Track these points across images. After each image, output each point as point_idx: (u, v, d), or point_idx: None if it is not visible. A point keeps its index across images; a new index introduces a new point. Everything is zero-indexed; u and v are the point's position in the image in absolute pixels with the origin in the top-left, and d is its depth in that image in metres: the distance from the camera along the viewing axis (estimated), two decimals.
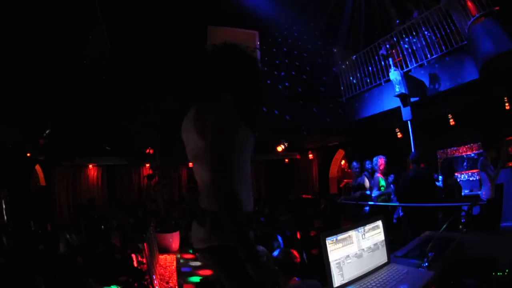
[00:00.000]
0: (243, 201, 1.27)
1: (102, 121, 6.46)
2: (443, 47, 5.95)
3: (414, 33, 6.53)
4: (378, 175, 5.63)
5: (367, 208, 5.72)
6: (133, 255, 5.30)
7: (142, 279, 4.07)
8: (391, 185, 6.01)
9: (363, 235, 1.33)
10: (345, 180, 8.56)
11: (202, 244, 1.37)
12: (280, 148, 8.51)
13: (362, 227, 1.34)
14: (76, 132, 6.67)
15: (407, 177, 5.14)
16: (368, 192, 5.87)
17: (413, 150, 5.93)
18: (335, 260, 1.25)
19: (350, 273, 1.28)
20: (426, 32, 6.25)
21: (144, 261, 5.07)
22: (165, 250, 6.73)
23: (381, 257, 1.40)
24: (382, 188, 5.55)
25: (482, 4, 4.68)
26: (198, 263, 5.99)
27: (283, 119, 7.15)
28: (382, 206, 5.50)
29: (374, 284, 1.26)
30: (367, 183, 6.01)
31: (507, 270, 1.21)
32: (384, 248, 1.41)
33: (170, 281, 5.28)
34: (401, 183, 5.39)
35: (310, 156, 11.46)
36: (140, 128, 6.56)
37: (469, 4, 4.89)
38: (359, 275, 1.30)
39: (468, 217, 4.62)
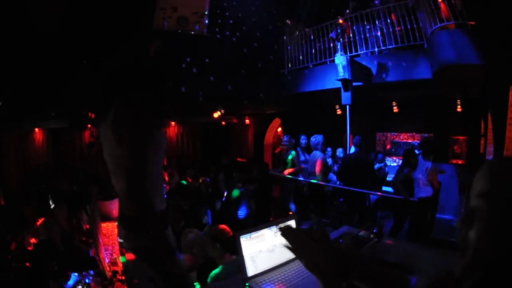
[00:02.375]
0: (156, 202, 1.44)
1: (48, 84, 6.11)
2: (398, 40, 5.97)
3: (371, 21, 6.45)
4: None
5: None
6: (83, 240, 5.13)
7: (96, 268, 4.01)
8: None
9: (276, 233, 1.48)
10: (280, 147, 8.60)
11: (124, 242, 1.53)
12: (216, 115, 8.50)
13: (275, 226, 1.48)
14: (23, 95, 6.27)
15: (348, 160, 5.51)
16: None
17: (348, 132, 6.12)
18: (249, 254, 1.39)
19: (263, 264, 1.43)
20: (383, 23, 6.20)
21: (89, 238, 5.02)
22: (107, 218, 6.72)
23: None
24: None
25: (455, 13, 4.73)
26: None
27: (222, 86, 6.97)
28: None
29: (283, 276, 1.41)
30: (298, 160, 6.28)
31: None
32: None
33: (113, 251, 5.33)
34: (342, 164, 5.75)
35: (247, 121, 11.55)
36: (84, 93, 6.25)
37: (443, 9, 4.88)
38: (271, 267, 1.45)
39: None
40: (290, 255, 1.53)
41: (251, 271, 1.40)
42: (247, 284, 1.37)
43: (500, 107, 3.95)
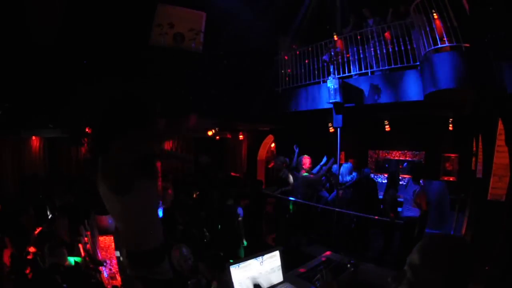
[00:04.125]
0: (150, 240, 1.55)
1: (47, 94, 6.22)
2: (392, 62, 5.89)
3: (365, 41, 6.39)
4: (302, 172, 6.19)
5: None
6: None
7: None
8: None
9: (261, 263, 1.68)
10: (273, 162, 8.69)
11: (129, 271, 1.61)
12: (210, 133, 8.65)
13: (261, 257, 1.69)
14: (22, 105, 6.40)
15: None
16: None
17: (338, 152, 6.17)
18: (238, 280, 1.60)
19: None
20: (377, 44, 6.16)
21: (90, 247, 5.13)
22: (103, 231, 6.75)
23: (277, 277, 1.76)
24: None
25: (450, 33, 4.56)
26: None
27: (216, 104, 7.00)
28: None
29: None
30: (290, 178, 6.50)
31: None
32: (280, 271, 1.78)
33: (112, 265, 5.41)
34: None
35: (241, 137, 11.65)
36: (84, 107, 6.38)
37: (438, 27, 4.74)
38: None
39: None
40: (273, 281, 1.76)
41: None
42: None
43: (489, 135, 4.05)
